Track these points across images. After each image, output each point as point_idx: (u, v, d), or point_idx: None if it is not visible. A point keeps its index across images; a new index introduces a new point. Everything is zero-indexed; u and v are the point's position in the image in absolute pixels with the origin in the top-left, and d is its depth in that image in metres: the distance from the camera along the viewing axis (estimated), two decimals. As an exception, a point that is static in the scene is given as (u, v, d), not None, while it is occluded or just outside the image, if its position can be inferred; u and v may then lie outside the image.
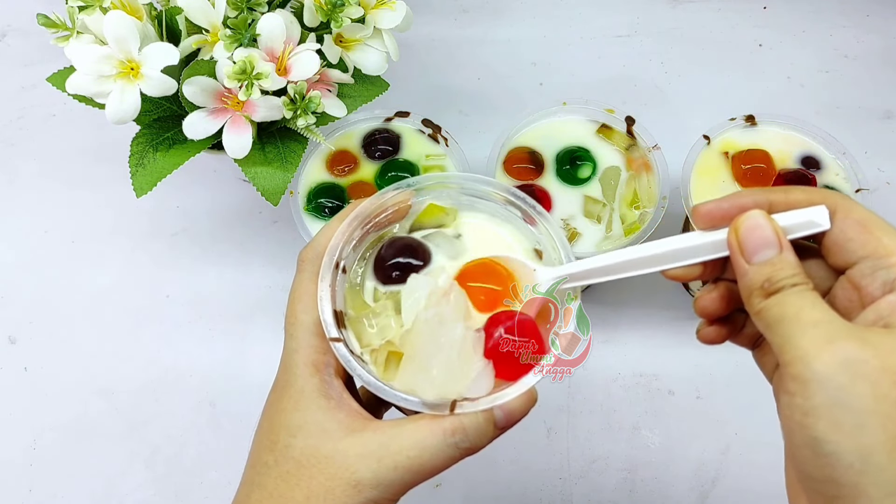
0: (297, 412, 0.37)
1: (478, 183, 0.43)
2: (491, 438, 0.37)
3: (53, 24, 0.51)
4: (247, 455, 0.40)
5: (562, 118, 0.62)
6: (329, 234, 0.41)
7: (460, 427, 0.36)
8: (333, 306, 0.39)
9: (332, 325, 0.38)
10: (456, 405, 0.36)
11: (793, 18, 0.82)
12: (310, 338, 0.38)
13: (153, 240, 0.71)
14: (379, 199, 0.42)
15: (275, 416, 0.38)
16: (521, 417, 0.37)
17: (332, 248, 0.40)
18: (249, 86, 0.49)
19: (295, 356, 0.38)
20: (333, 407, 0.37)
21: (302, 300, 0.39)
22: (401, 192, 0.43)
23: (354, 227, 0.41)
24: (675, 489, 0.61)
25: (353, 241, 0.42)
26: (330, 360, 0.38)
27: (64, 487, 0.62)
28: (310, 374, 0.37)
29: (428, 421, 0.36)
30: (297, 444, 0.36)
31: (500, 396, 0.37)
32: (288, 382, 0.38)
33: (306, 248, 0.41)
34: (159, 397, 0.64)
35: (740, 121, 0.60)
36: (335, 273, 0.40)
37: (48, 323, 0.68)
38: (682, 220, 0.65)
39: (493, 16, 0.83)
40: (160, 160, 0.54)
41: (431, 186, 0.43)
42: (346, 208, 0.42)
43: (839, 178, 0.58)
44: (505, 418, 0.37)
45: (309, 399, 0.37)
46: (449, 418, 0.36)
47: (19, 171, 0.75)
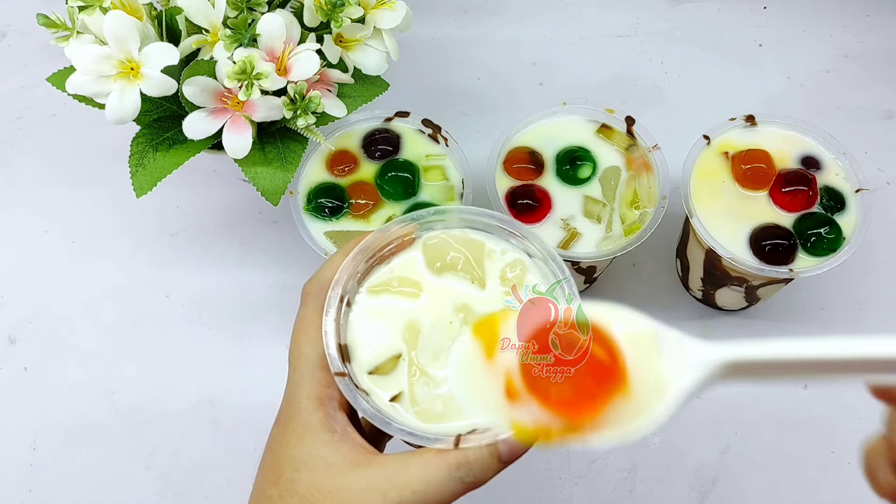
0: (301, 446, 0.37)
1: (482, 216, 0.43)
2: (495, 472, 0.37)
3: (53, 24, 0.51)
4: (247, 455, 0.40)
5: (562, 118, 0.62)
6: (333, 268, 0.41)
7: (465, 461, 0.36)
8: (338, 340, 0.39)
9: (336, 359, 0.38)
10: (461, 439, 0.36)
11: (793, 18, 0.82)
12: (314, 371, 0.38)
13: (153, 240, 0.71)
14: (383, 232, 0.42)
15: (279, 449, 0.38)
16: (524, 451, 0.37)
17: (336, 282, 0.40)
18: (249, 86, 0.49)
19: (299, 389, 0.38)
20: (338, 441, 0.37)
21: (307, 333, 0.39)
22: (405, 225, 0.43)
23: (359, 260, 0.41)
24: (675, 489, 0.61)
25: (358, 275, 0.42)
26: (334, 393, 0.38)
27: (64, 487, 0.62)
28: (314, 408, 0.37)
29: (433, 455, 0.36)
30: (302, 478, 0.36)
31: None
32: (292, 416, 0.38)
33: (310, 281, 0.41)
34: (159, 397, 0.64)
35: (740, 121, 0.60)
36: (340, 307, 0.40)
37: (48, 323, 0.68)
38: (682, 220, 0.65)
39: (493, 16, 0.83)
40: (160, 160, 0.54)
41: (435, 220, 0.43)
42: (350, 242, 0.42)
43: (839, 178, 0.58)
44: (509, 452, 0.37)
45: (314, 433, 0.37)
46: (454, 453, 0.36)
47: (19, 171, 0.75)
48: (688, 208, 0.57)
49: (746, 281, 0.60)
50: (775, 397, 0.63)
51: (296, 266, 0.69)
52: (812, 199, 0.57)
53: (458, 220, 0.44)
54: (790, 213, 0.57)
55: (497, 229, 0.43)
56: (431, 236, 0.43)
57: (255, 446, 0.65)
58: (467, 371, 0.35)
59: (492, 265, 0.43)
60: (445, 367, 0.40)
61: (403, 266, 0.43)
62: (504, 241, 0.43)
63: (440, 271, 0.42)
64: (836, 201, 0.57)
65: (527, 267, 0.43)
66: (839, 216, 0.57)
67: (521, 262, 0.43)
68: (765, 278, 0.58)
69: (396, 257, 0.43)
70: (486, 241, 0.43)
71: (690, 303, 0.68)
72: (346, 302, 0.41)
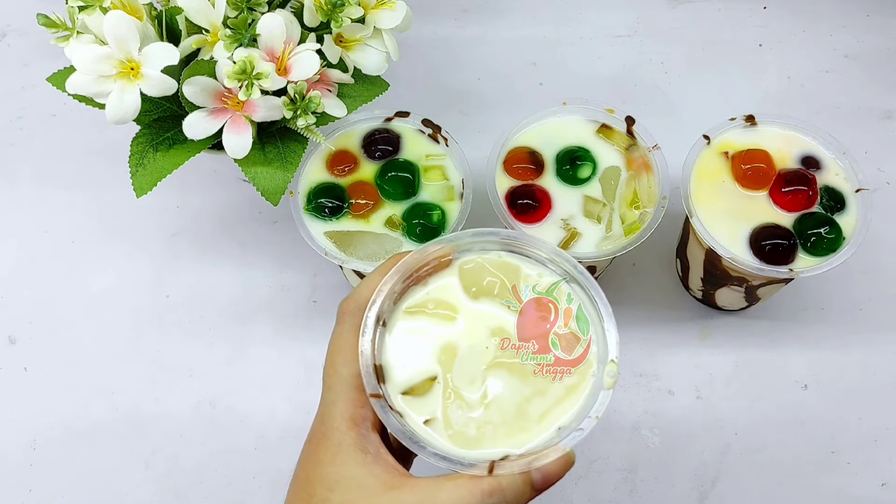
0: (334, 466, 0.37)
1: (520, 240, 0.43)
2: (528, 500, 0.37)
3: (53, 24, 0.51)
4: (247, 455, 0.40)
5: (562, 118, 0.62)
6: (371, 287, 0.41)
7: (498, 488, 0.36)
8: (374, 361, 0.39)
9: (373, 379, 0.38)
10: (495, 466, 0.36)
11: (793, 18, 0.82)
12: (349, 391, 0.38)
13: (153, 240, 0.71)
14: (421, 253, 0.42)
15: (311, 468, 0.37)
16: (557, 480, 0.37)
17: (373, 302, 0.40)
18: (249, 86, 0.49)
19: (333, 409, 0.38)
20: (371, 462, 0.37)
21: (342, 352, 0.39)
22: (442, 246, 0.42)
23: (396, 280, 0.41)
24: (675, 489, 0.61)
25: (394, 295, 0.42)
26: (367, 413, 0.38)
27: (64, 487, 0.62)
28: (347, 428, 0.37)
29: (465, 481, 0.36)
30: (335, 498, 0.36)
31: (539, 458, 0.37)
32: (325, 435, 0.38)
33: (347, 299, 0.41)
34: (159, 397, 0.64)
35: (740, 121, 0.60)
36: (376, 327, 0.40)
37: (48, 323, 0.68)
38: (682, 220, 0.65)
39: (493, 16, 0.83)
40: (160, 160, 0.54)
41: (473, 242, 0.43)
42: (387, 261, 0.42)
43: (839, 178, 0.58)
44: (542, 480, 0.37)
45: (347, 453, 0.37)
46: (487, 479, 0.36)
47: (19, 170, 0.75)
48: (688, 208, 0.57)
49: (746, 281, 0.60)
50: (775, 397, 0.64)
51: (296, 266, 0.69)
52: (812, 199, 0.57)
53: (496, 243, 0.44)
54: (790, 213, 0.57)
55: (537, 255, 0.43)
56: (468, 260, 0.43)
57: (255, 447, 0.66)
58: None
59: (528, 288, 0.43)
60: (480, 391, 0.40)
61: (440, 289, 0.43)
62: (540, 264, 0.43)
63: (476, 296, 0.42)
64: (836, 201, 0.57)
65: (562, 290, 0.42)
66: (839, 216, 0.57)
67: (557, 285, 0.43)
68: (765, 278, 0.58)
69: (433, 279, 0.43)
70: (521, 266, 0.43)
71: (690, 303, 0.68)
72: (382, 322, 0.41)
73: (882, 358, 0.65)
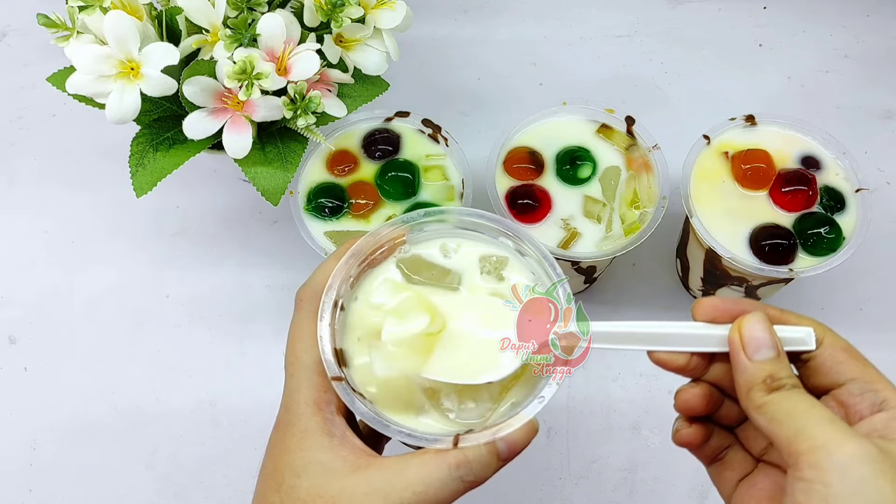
0: (301, 451, 0.37)
1: (471, 216, 0.43)
2: (495, 470, 0.37)
3: (53, 24, 0.51)
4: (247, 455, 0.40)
5: (562, 118, 0.62)
6: (326, 273, 0.41)
7: (465, 461, 0.36)
8: (333, 345, 0.39)
9: (333, 363, 0.39)
10: (459, 439, 0.37)
11: (793, 18, 0.82)
12: (311, 376, 0.39)
13: (153, 240, 0.71)
14: (374, 236, 0.42)
15: (279, 456, 0.38)
16: (523, 448, 0.37)
17: (330, 287, 0.40)
18: (249, 86, 0.49)
19: (296, 395, 0.38)
20: (337, 445, 0.37)
21: (302, 339, 0.40)
22: (395, 228, 0.43)
23: (351, 264, 0.41)
24: (675, 489, 0.61)
25: (350, 279, 0.42)
26: (331, 397, 0.38)
27: (64, 487, 0.62)
28: (312, 413, 0.38)
29: (432, 455, 0.36)
30: (303, 483, 0.36)
31: (503, 428, 0.37)
32: (290, 422, 0.38)
33: (304, 286, 0.42)
34: (159, 397, 0.64)
35: (740, 121, 0.60)
36: (334, 311, 0.40)
37: (48, 323, 0.68)
38: (682, 220, 0.65)
39: (493, 16, 0.83)
40: (160, 160, 0.54)
41: (425, 222, 0.43)
42: (341, 247, 0.42)
43: (839, 177, 0.58)
44: (508, 450, 0.37)
45: (313, 438, 0.37)
46: (453, 452, 0.36)
47: (19, 171, 0.75)
48: (688, 208, 0.57)
49: (746, 281, 0.60)
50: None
51: (296, 266, 0.69)
52: (812, 199, 0.57)
53: (449, 222, 0.44)
54: (790, 213, 0.57)
55: (489, 229, 0.43)
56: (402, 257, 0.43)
57: (255, 446, 0.65)
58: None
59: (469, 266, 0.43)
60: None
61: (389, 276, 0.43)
62: (494, 240, 0.44)
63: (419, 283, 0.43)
64: (836, 201, 0.57)
65: (507, 262, 0.43)
66: (839, 216, 0.57)
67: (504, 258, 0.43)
68: (765, 278, 0.58)
69: (386, 263, 0.43)
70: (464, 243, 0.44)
71: (690, 303, 0.67)
72: (340, 306, 0.41)
73: (882, 358, 0.65)
